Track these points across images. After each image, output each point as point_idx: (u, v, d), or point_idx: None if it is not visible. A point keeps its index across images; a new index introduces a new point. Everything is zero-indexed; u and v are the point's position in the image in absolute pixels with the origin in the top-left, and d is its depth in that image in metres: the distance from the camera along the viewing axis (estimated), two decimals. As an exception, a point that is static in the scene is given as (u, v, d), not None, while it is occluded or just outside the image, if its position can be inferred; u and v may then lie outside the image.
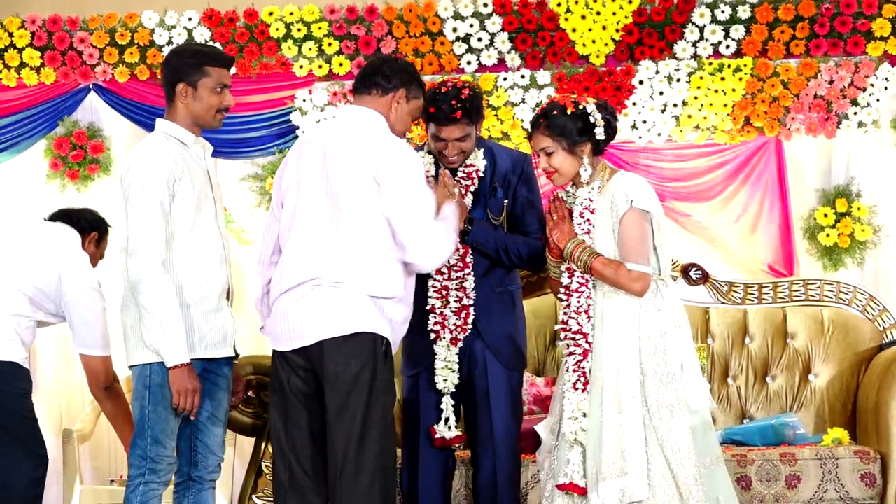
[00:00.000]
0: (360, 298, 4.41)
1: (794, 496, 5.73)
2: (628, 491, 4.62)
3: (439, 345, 5.02)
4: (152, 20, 7.18)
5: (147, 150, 4.64)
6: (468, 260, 5.01)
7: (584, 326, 4.76)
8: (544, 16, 6.99)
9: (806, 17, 6.85)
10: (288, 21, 7.12)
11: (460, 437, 5.05)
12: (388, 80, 4.57)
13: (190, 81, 4.70)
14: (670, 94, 6.89)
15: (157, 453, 4.64)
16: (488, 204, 5.05)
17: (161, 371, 4.59)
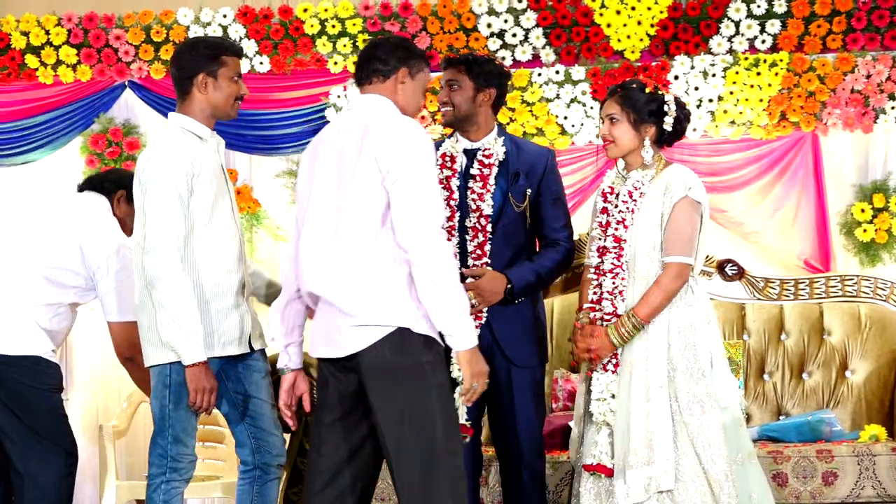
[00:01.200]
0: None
1: (830, 493, 5.71)
2: (654, 480, 4.63)
3: None
4: (187, 17, 7.21)
5: (164, 144, 4.63)
6: (487, 249, 4.98)
7: (618, 308, 4.76)
8: (579, 11, 6.99)
9: (843, 11, 6.82)
10: (322, 17, 7.13)
11: (466, 427, 4.93)
12: (385, 63, 4.39)
13: (209, 72, 4.69)
14: (706, 89, 6.87)
15: (178, 452, 4.65)
16: (510, 190, 5.02)
17: (181, 370, 4.56)
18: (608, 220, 4.87)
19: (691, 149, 6.96)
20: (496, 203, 5.00)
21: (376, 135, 4.21)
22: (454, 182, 5.03)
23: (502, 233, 5.01)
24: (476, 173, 5.01)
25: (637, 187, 4.83)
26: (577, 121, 6.96)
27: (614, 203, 4.87)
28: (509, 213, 5.03)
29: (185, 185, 4.54)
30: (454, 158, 5.06)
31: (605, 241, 4.84)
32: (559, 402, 6.13)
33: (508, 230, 5.03)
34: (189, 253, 4.56)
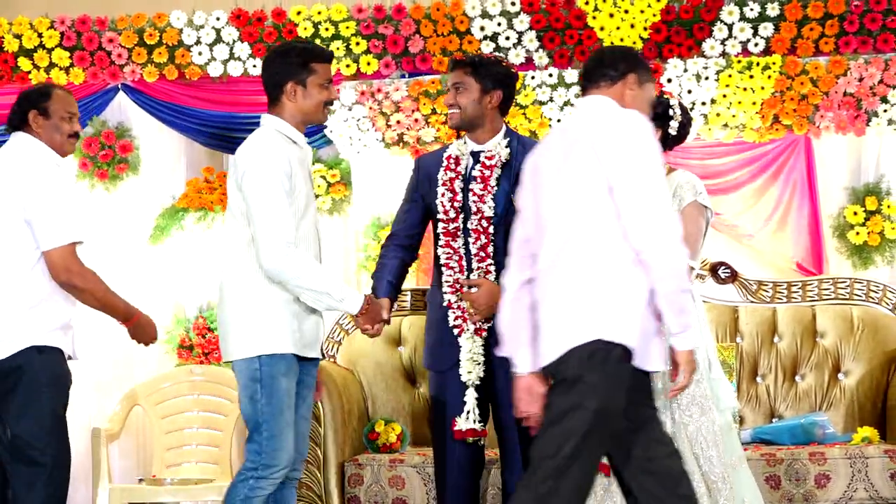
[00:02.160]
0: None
1: (823, 495, 5.72)
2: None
3: (464, 337, 5.00)
4: (181, 20, 7.21)
5: (264, 142, 4.67)
6: (489, 251, 5.00)
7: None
8: (572, 14, 6.99)
9: (835, 14, 6.82)
10: (316, 20, 7.13)
11: (479, 432, 5.01)
12: (615, 68, 4.25)
13: (298, 80, 4.73)
14: (699, 92, 6.87)
15: (274, 449, 4.61)
16: (513, 191, 4.98)
17: (271, 362, 4.59)
18: None
19: (684, 151, 6.94)
20: (499, 205, 5.01)
21: (600, 133, 4.10)
22: (457, 184, 5.05)
23: (505, 235, 4.94)
24: (477, 175, 5.03)
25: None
26: (571, 124, 6.95)
27: None
28: (513, 215, 4.98)
29: (288, 182, 4.60)
30: (458, 160, 5.08)
31: None
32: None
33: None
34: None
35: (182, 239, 7.27)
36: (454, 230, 5.02)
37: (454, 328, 5.03)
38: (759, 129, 6.89)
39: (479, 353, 5.00)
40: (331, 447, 5.92)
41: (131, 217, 7.31)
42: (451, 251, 5.03)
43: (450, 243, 5.03)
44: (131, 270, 7.13)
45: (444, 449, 5.10)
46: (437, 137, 6.99)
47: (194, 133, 7.33)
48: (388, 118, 7.06)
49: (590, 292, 3.97)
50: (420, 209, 5.19)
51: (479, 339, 5.00)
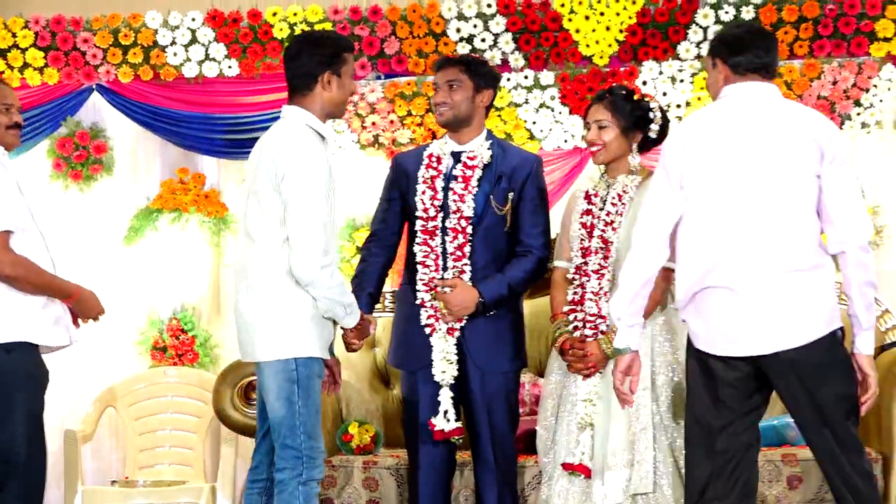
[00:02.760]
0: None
1: (795, 497, 5.71)
2: (634, 482, 4.68)
3: (436, 336, 5.00)
4: (156, 20, 7.20)
5: (306, 142, 4.57)
6: (466, 250, 5.00)
7: (602, 310, 4.81)
8: (548, 16, 7.00)
9: (809, 17, 6.84)
10: (292, 21, 7.12)
11: (459, 430, 5.01)
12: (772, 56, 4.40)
13: (334, 70, 4.67)
14: (674, 94, 6.89)
15: (313, 447, 4.58)
16: (493, 192, 5.04)
17: (308, 364, 4.56)
18: (593, 222, 4.91)
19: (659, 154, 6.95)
20: (478, 205, 5.01)
21: (820, 124, 4.25)
22: (438, 183, 5.04)
23: (483, 235, 5.03)
24: (458, 174, 5.03)
25: (626, 191, 4.89)
26: (546, 126, 6.98)
27: (599, 206, 4.92)
28: (491, 216, 5.04)
29: (326, 186, 4.55)
30: (440, 159, 5.09)
31: (591, 242, 4.88)
32: (526, 407, 6.13)
33: (489, 233, 5.05)
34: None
35: (156, 240, 7.25)
36: (432, 229, 5.01)
37: (426, 327, 5.02)
38: (734, 131, 6.88)
39: (451, 352, 4.99)
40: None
41: (105, 218, 7.30)
42: (428, 249, 5.02)
43: (427, 241, 5.03)
44: (105, 271, 7.11)
45: (417, 450, 5.10)
46: (412, 139, 6.99)
47: (169, 134, 7.30)
48: (364, 120, 7.06)
49: (823, 283, 4.21)
50: (399, 207, 5.18)
51: (452, 338, 5.00)
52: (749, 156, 4.20)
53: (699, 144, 4.24)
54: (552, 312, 5.02)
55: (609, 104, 4.92)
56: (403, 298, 5.16)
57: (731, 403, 4.27)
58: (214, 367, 7.12)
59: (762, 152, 4.20)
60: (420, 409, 5.05)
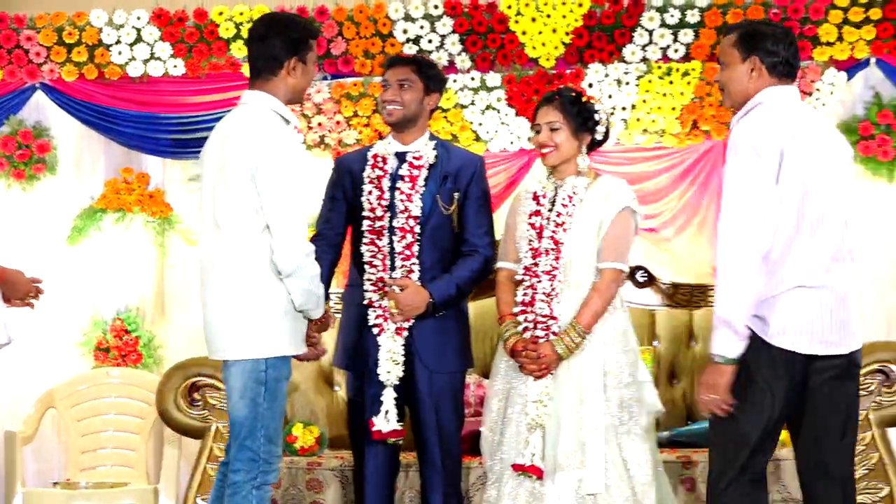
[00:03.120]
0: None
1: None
2: (585, 483, 4.68)
3: (384, 336, 4.98)
4: (101, 19, 7.17)
5: (276, 129, 4.46)
6: (415, 249, 5.00)
7: (554, 310, 4.81)
8: (494, 18, 7.01)
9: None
10: (238, 21, 7.11)
11: (399, 432, 4.99)
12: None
13: (301, 56, 4.58)
14: (619, 97, 6.92)
15: (271, 452, 4.50)
16: (439, 192, 5.05)
17: (277, 365, 4.46)
18: (542, 223, 4.91)
19: (604, 156, 6.96)
20: (425, 205, 5.01)
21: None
22: (385, 183, 5.03)
23: (430, 235, 5.03)
24: (405, 174, 5.03)
25: (576, 192, 4.90)
26: (492, 127, 6.99)
27: (548, 207, 4.93)
28: (437, 216, 5.04)
29: (299, 170, 4.46)
30: (385, 160, 5.08)
31: (541, 243, 4.88)
32: (471, 408, 6.13)
33: (436, 233, 5.04)
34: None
35: (100, 240, 7.22)
36: (379, 228, 5.00)
37: (374, 327, 5.01)
38: (678, 134, 6.95)
39: (399, 352, 4.98)
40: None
41: (48, 218, 7.27)
42: (376, 249, 5.01)
43: (374, 241, 5.01)
44: (48, 271, 7.00)
45: (363, 451, 5.08)
46: (358, 140, 6.99)
47: (113, 133, 7.27)
48: (310, 120, 7.06)
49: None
50: (343, 207, 5.16)
51: (400, 338, 4.99)
52: (827, 161, 4.27)
53: (794, 149, 4.22)
54: (500, 314, 5.02)
55: (559, 106, 4.94)
56: (349, 300, 5.15)
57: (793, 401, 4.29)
58: (158, 368, 7.09)
59: (832, 157, 4.29)
60: (366, 410, 5.03)
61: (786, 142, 4.19)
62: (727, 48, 4.41)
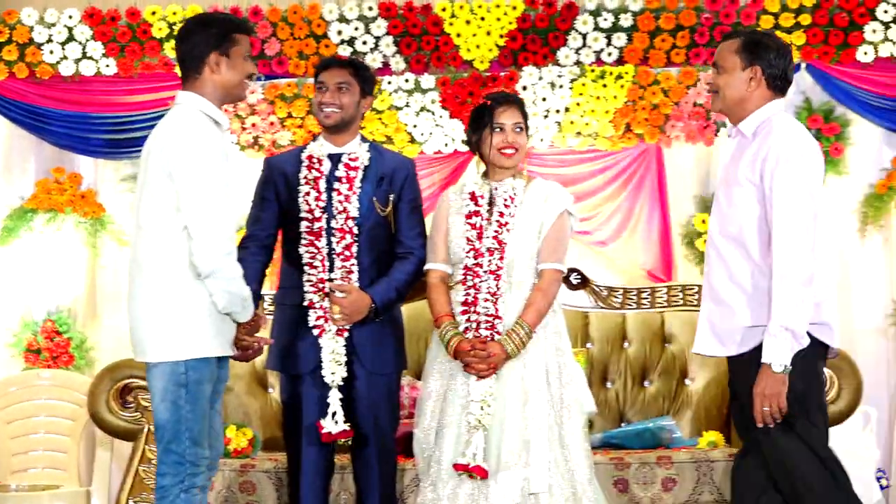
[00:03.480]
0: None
1: (670, 499, 5.79)
2: (529, 482, 4.71)
3: (326, 338, 4.97)
4: (32, 17, 7.13)
5: (196, 127, 4.41)
6: (353, 250, 4.99)
7: (499, 310, 4.83)
8: (429, 20, 7.03)
9: (686, 26, 6.96)
10: (171, 21, 7.08)
11: (347, 433, 4.97)
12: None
13: (222, 51, 4.50)
14: (553, 99, 6.96)
15: (197, 454, 4.45)
16: (375, 193, 5.05)
17: (198, 367, 4.40)
18: (482, 223, 4.92)
19: (539, 159, 7.04)
20: (362, 207, 5.02)
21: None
22: (321, 184, 5.02)
23: (367, 237, 5.03)
24: (342, 176, 5.02)
25: (516, 194, 4.93)
26: (427, 129, 7.01)
27: (486, 207, 4.94)
28: (374, 218, 5.05)
29: (224, 172, 4.40)
30: (321, 161, 5.05)
31: (482, 242, 4.88)
32: (405, 410, 6.15)
33: (373, 234, 5.05)
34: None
35: (31, 241, 7.16)
36: (318, 230, 4.98)
37: (314, 328, 4.99)
38: (612, 137, 6.99)
39: (341, 353, 4.97)
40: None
41: (-22, 218, 7.20)
42: (315, 251, 4.99)
43: (313, 243, 4.99)
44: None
45: (299, 453, 5.06)
46: (292, 141, 6.98)
47: (45, 133, 7.24)
48: (244, 121, 7.04)
49: None
50: (275, 209, 5.13)
51: (342, 339, 4.98)
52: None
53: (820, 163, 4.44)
54: (436, 315, 4.99)
55: (520, 108, 4.99)
56: (284, 301, 5.13)
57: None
58: (90, 370, 7.03)
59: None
60: (305, 412, 5.01)
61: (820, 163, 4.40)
62: (728, 53, 4.49)
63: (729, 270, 4.45)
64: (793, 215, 4.28)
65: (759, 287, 4.36)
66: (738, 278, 4.41)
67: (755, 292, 4.37)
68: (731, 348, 4.43)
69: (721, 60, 4.52)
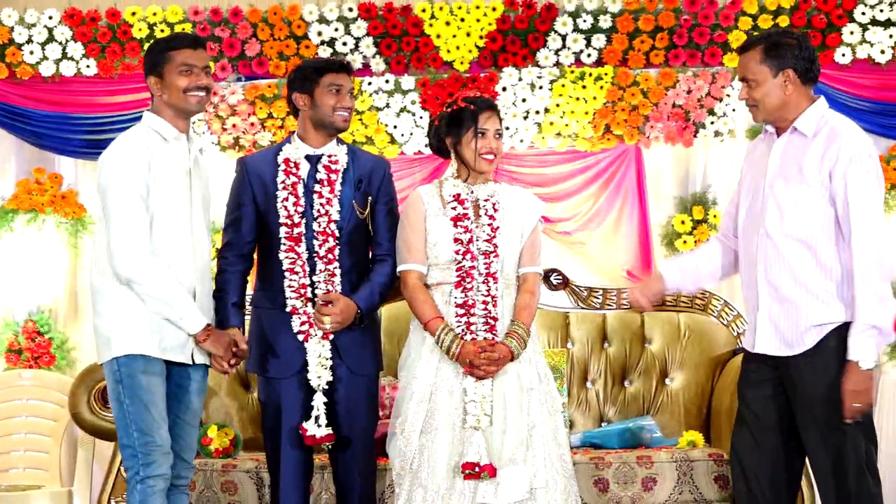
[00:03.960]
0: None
1: (650, 498, 5.80)
2: (529, 479, 4.74)
3: (312, 342, 4.97)
4: (12, 18, 7.13)
5: (120, 143, 4.67)
6: (336, 253, 4.99)
7: (493, 312, 4.86)
8: (409, 21, 7.05)
9: (665, 28, 6.99)
10: (151, 21, 7.09)
11: (331, 436, 4.98)
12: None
13: (156, 72, 4.73)
14: (533, 101, 6.98)
15: (147, 444, 4.59)
16: (354, 196, 5.05)
17: (128, 361, 4.59)
18: (471, 225, 4.92)
19: (518, 160, 7.07)
20: (343, 209, 5.01)
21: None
22: (299, 188, 5.00)
23: (347, 239, 5.03)
24: (323, 178, 5.01)
25: (496, 201, 4.96)
26: (407, 130, 7.03)
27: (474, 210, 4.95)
28: (354, 220, 5.04)
29: (143, 182, 4.59)
30: (298, 164, 5.03)
31: (474, 245, 4.89)
32: (385, 410, 6.16)
33: (353, 236, 5.05)
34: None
35: (12, 241, 7.17)
36: (297, 235, 4.98)
37: (299, 333, 4.99)
38: (591, 138, 7.01)
39: (327, 356, 4.97)
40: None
41: (-42, 218, 7.19)
42: (295, 256, 4.98)
43: (294, 248, 4.98)
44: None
45: (279, 454, 5.05)
46: (272, 141, 6.99)
47: (25, 133, 7.24)
48: (224, 121, 7.05)
49: None
50: (252, 214, 5.09)
51: (327, 342, 4.98)
52: None
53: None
54: (427, 318, 4.93)
55: (499, 114, 5.00)
56: (263, 304, 5.12)
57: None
58: (71, 370, 7.05)
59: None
60: (286, 414, 5.01)
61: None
62: (754, 66, 4.54)
63: (792, 269, 4.52)
64: (869, 215, 4.40)
65: (823, 286, 4.46)
66: (803, 278, 4.50)
67: (821, 291, 4.47)
68: (797, 348, 4.52)
69: (749, 74, 4.57)
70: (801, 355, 4.51)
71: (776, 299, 4.56)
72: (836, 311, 4.46)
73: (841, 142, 4.44)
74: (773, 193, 4.58)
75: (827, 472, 4.48)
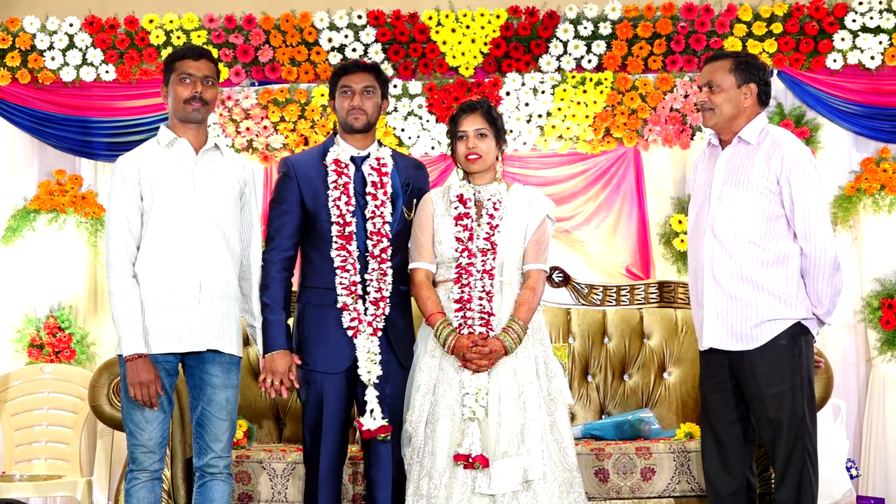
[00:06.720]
0: None
1: (648, 488, 5.82)
2: (527, 469, 4.81)
3: (361, 337, 5.00)
4: (34, 25, 7.20)
5: (120, 158, 4.89)
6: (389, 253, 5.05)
7: (489, 308, 4.94)
8: (416, 28, 7.13)
9: (663, 34, 7.08)
10: (168, 28, 7.16)
11: (386, 427, 5.01)
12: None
13: (165, 83, 4.95)
14: (535, 105, 7.06)
15: (133, 444, 4.82)
16: (403, 200, 5.13)
17: (122, 364, 4.79)
18: (472, 224, 5.01)
19: (522, 161, 7.16)
20: (395, 211, 5.10)
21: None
22: (351, 189, 5.05)
23: (395, 239, 5.10)
24: (375, 181, 5.06)
25: (499, 199, 5.05)
26: (414, 133, 7.12)
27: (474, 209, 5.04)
28: (402, 220, 5.13)
29: (134, 190, 4.80)
30: (347, 165, 5.08)
31: (475, 243, 4.98)
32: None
33: (399, 237, 5.12)
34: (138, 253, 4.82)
35: (34, 240, 7.22)
36: (349, 234, 5.02)
37: (349, 329, 5.01)
38: (592, 141, 7.10)
39: (376, 352, 5.01)
40: (178, 443, 5.83)
41: (-18, 218, 7.24)
42: (347, 254, 5.01)
43: (345, 246, 5.01)
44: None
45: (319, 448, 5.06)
46: (285, 144, 7.08)
47: (47, 137, 7.31)
48: (238, 125, 7.13)
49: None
50: (297, 215, 5.10)
51: (376, 338, 5.02)
52: None
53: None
54: (429, 312, 5.02)
55: (486, 114, 5.05)
56: (311, 300, 5.12)
57: None
58: (91, 364, 7.10)
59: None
60: (328, 410, 5.04)
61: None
62: (721, 73, 4.91)
63: (741, 268, 4.83)
64: (817, 212, 4.78)
65: (774, 283, 4.80)
66: (753, 275, 4.81)
67: (772, 288, 4.80)
68: (749, 343, 4.83)
69: (715, 80, 4.90)
70: (754, 350, 4.84)
71: (723, 296, 4.87)
72: (791, 308, 4.83)
73: (784, 149, 4.80)
74: (720, 199, 4.90)
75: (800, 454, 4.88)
